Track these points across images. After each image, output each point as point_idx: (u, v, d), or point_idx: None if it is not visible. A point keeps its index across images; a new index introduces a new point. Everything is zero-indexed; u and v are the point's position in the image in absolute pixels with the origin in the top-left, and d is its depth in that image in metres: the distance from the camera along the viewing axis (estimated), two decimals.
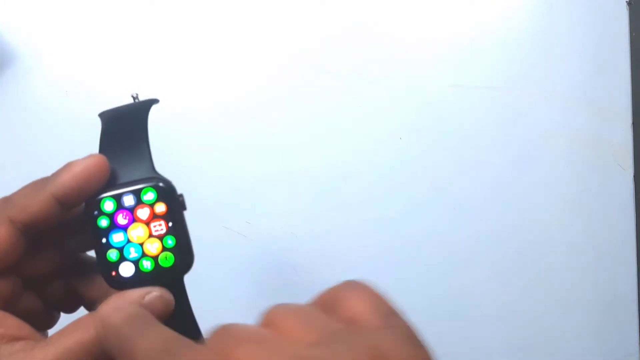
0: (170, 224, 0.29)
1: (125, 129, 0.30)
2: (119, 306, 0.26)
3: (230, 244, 0.55)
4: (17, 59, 0.56)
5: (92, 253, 0.31)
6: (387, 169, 0.57)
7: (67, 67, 0.56)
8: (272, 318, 0.24)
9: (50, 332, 0.32)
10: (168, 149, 0.31)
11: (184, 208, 0.29)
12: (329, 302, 0.24)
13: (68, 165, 0.28)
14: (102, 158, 0.28)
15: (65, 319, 0.33)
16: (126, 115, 0.31)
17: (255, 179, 0.56)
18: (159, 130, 0.31)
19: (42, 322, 0.31)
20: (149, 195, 0.28)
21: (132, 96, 0.31)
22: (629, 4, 0.59)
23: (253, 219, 0.55)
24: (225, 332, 0.23)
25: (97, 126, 0.31)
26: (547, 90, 0.58)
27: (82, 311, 0.32)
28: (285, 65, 0.57)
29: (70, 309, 0.33)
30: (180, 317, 0.29)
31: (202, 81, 0.57)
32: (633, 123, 0.59)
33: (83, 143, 0.53)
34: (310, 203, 0.57)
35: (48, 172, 0.29)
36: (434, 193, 0.58)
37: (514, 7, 0.59)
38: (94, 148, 0.30)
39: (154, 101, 0.31)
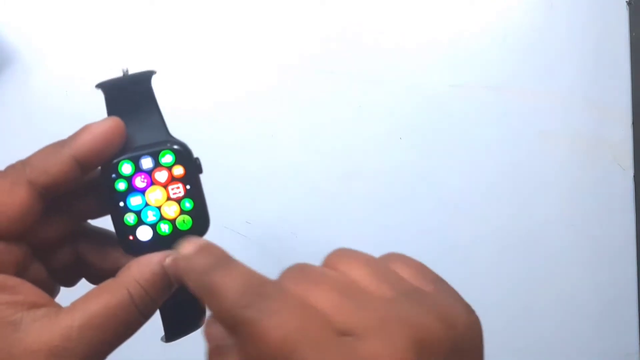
0: (188, 187, 0.29)
1: (133, 96, 0.30)
2: (200, 245, 0.26)
3: (230, 244, 0.55)
4: (17, 59, 0.56)
5: (104, 222, 0.30)
6: (387, 169, 0.57)
7: (67, 66, 0.56)
8: (339, 263, 0.24)
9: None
10: None
11: (201, 171, 0.29)
12: (377, 261, 0.25)
13: (86, 128, 0.28)
14: (119, 121, 0.28)
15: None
16: (130, 84, 0.30)
17: (255, 178, 0.56)
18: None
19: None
20: (167, 158, 0.28)
21: (123, 70, 0.31)
22: (628, 3, 0.59)
23: (253, 219, 0.55)
24: (303, 274, 0.23)
25: None
26: (547, 90, 0.58)
27: (81, 285, 0.31)
28: (285, 65, 0.57)
29: (72, 281, 0.32)
30: None
31: (201, 81, 0.57)
32: (633, 123, 0.59)
33: None
34: (310, 203, 0.57)
35: None
36: (433, 193, 0.58)
37: (514, 7, 0.59)
38: None
39: (152, 72, 0.31)
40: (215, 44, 0.57)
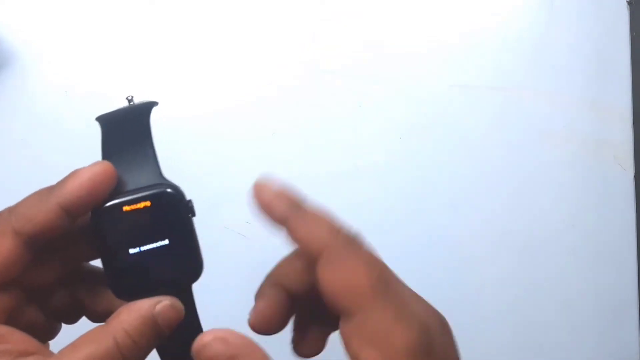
0: (179, 231, 0.28)
1: (128, 133, 0.29)
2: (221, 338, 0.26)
3: (230, 244, 0.55)
4: (16, 59, 0.56)
5: (98, 263, 0.30)
6: (387, 169, 0.57)
7: (66, 67, 0.56)
8: None
9: (52, 343, 0.31)
10: (168, 149, 0.31)
11: (193, 214, 0.29)
12: None
13: (74, 174, 0.27)
14: (109, 165, 0.27)
15: (65, 329, 0.32)
16: (127, 118, 0.30)
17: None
18: (160, 131, 0.31)
19: (43, 334, 0.30)
20: (157, 202, 0.28)
21: (127, 99, 0.30)
22: (629, 3, 0.59)
23: (253, 219, 0.55)
24: None
25: (96, 127, 0.31)
26: (547, 90, 0.58)
27: (83, 321, 0.32)
28: (284, 65, 0.57)
29: (72, 320, 0.32)
30: (188, 325, 0.29)
31: (201, 82, 0.57)
32: (634, 123, 0.58)
33: (82, 143, 0.53)
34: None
35: (46, 172, 0.29)
36: (433, 193, 0.57)
37: (515, 7, 0.59)
38: (93, 148, 0.30)
39: (154, 104, 0.30)
40: (215, 44, 0.57)
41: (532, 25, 0.59)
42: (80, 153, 0.33)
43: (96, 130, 0.30)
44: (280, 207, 0.29)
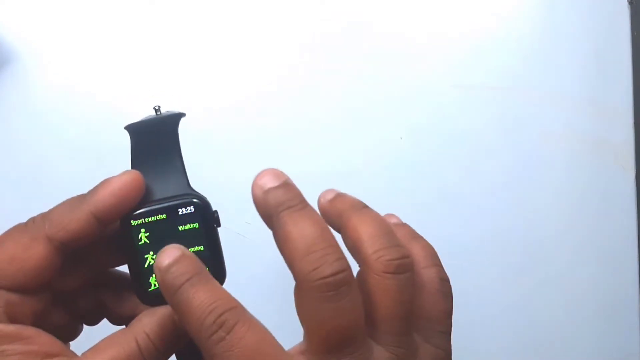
0: (204, 241, 0.29)
1: (157, 143, 0.30)
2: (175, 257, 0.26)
3: (230, 244, 0.55)
4: (16, 59, 0.56)
5: (124, 268, 0.31)
6: (388, 169, 0.57)
7: (66, 67, 0.56)
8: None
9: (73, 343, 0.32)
10: None
11: (219, 225, 0.30)
12: None
13: (105, 182, 0.28)
14: (138, 174, 0.29)
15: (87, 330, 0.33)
16: (156, 129, 0.31)
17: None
18: None
19: (66, 335, 0.31)
20: (184, 212, 0.29)
21: (155, 108, 0.31)
22: (630, 3, 0.59)
23: (253, 219, 0.55)
24: None
25: (95, 126, 0.31)
26: (548, 90, 0.58)
27: (104, 323, 0.33)
28: (284, 66, 0.57)
29: (95, 322, 0.33)
30: None
31: (201, 82, 0.57)
32: (635, 123, 0.58)
33: (82, 143, 0.53)
34: (309, 203, 0.56)
35: (46, 172, 0.29)
36: (434, 193, 0.57)
37: (516, 7, 0.59)
38: (92, 148, 0.30)
39: (182, 115, 0.31)
40: (215, 44, 0.57)
41: (532, 25, 0.59)
42: (81, 153, 0.33)
43: (96, 131, 0.31)
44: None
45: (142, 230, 0.29)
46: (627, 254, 0.58)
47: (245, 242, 0.56)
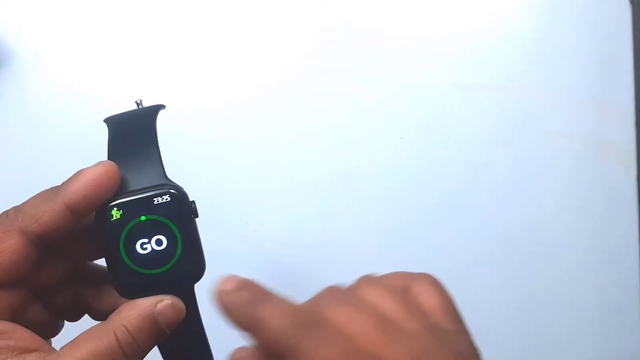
0: (182, 232, 0.28)
1: (134, 134, 0.30)
2: (240, 281, 0.27)
3: (230, 245, 0.55)
4: (15, 59, 0.56)
5: (101, 261, 0.30)
6: (388, 169, 0.57)
7: (65, 67, 0.56)
8: (368, 291, 0.27)
9: (55, 340, 0.31)
10: (168, 150, 0.31)
11: (196, 215, 0.29)
12: (404, 289, 0.28)
13: (79, 174, 0.28)
14: (113, 165, 0.28)
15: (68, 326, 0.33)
16: (134, 121, 0.30)
17: (254, 180, 0.56)
18: (160, 132, 0.31)
19: (46, 331, 0.31)
20: (160, 201, 0.28)
21: (136, 102, 0.31)
22: (632, 2, 0.59)
23: (252, 220, 0.55)
24: (339, 303, 0.26)
25: (93, 126, 0.31)
26: (549, 89, 0.58)
27: (85, 318, 0.32)
28: (284, 67, 0.57)
29: (75, 317, 0.32)
30: (189, 326, 0.29)
31: (200, 82, 0.57)
32: (636, 122, 0.58)
33: (80, 143, 0.53)
34: (310, 203, 0.56)
35: (46, 172, 0.29)
36: (434, 193, 0.57)
37: (517, 7, 0.58)
38: (91, 148, 0.30)
39: (161, 107, 0.31)
40: (215, 44, 0.57)
41: (533, 25, 0.58)
42: (80, 153, 0.32)
43: (96, 131, 0.30)
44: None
45: (117, 221, 0.28)
46: (629, 254, 0.58)
47: (246, 242, 0.55)
